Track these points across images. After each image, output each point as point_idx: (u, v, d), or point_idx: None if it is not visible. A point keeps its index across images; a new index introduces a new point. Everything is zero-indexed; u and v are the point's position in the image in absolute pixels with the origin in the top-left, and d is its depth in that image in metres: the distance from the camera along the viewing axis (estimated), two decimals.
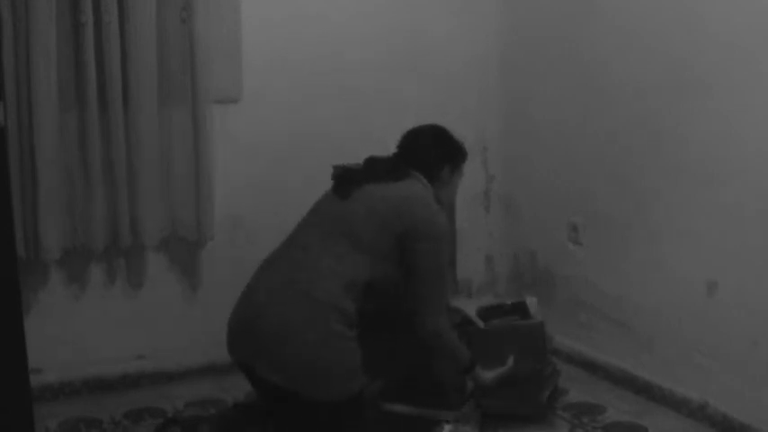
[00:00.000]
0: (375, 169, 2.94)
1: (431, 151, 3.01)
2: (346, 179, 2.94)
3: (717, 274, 3.18)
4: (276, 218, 3.35)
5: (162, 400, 3.49)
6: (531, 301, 3.42)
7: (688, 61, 3.22)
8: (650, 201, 3.44)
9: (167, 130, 3.49)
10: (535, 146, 4.03)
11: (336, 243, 2.78)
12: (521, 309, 3.33)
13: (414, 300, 2.83)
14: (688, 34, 3.21)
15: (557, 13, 3.83)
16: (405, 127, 3.92)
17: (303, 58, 3.74)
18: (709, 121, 3.16)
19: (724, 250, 3.16)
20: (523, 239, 4.15)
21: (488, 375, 3.05)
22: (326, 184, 3.33)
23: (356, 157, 3.40)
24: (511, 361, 3.12)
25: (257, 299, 2.81)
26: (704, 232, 3.22)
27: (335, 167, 3.19)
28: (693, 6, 3.18)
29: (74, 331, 3.53)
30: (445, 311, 2.90)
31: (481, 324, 3.20)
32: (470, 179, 4.05)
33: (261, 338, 2.73)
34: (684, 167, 3.28)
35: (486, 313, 3.30)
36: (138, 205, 3.44)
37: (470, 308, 3.29)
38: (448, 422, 3.08)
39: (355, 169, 2.99)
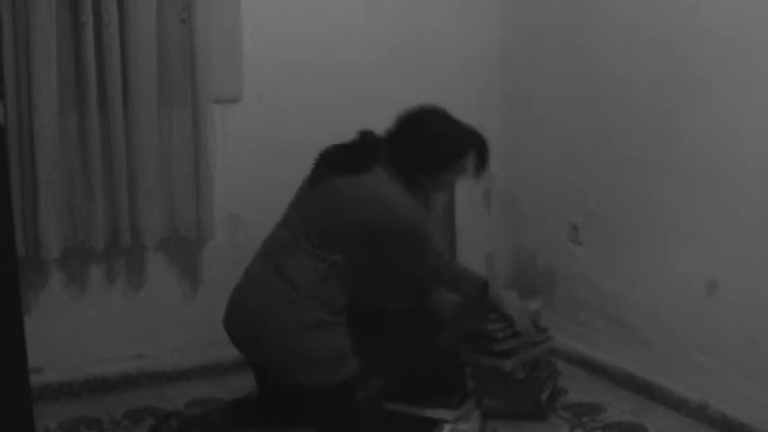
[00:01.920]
0: (347, 157, 2.87)
1: (416, 152, 2.87)
2: (320, 168, 2.89)
3: (717, 272, 3.18)
4: (276, 218, 3.34)
5: (162, 400, 3.50)
6: (534, 303, 3.43)
7: (688, 59, 3.21)
8: (650, 200, 3.44)
9: (167, 130, 3.49)
10: (535, 145, 4.03)
11: (308, 236, 2.81)
12: None
13: (406, 275, 2.85)
14: (688, 32, 3.21)
15: (557, 12, 3.83)
16: None
17: (303, 57, 3.74)
18: (710, 119, 3.16)
19: (724, 249, 3.15)
20: (524, 239, 4.16)
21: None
22: None
23: None
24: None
25: (246, 285, 2.92)
26: (704, 231, 3.22)
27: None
28: (693, 4, 3.18)
29: (74, 331, 3.53)
30: (441, 269, 2.87)
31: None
32: (471, 179, 4.06)
33: (245, 326, 2.86)
34: (685, 166, 3.28)
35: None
36: (138, 205, 3.44)
37: None
38: (448, 422, 3.08)
39: (331, 155, 2.92)
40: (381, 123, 3.86)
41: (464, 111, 4.09)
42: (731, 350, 3.15)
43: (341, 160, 2.87)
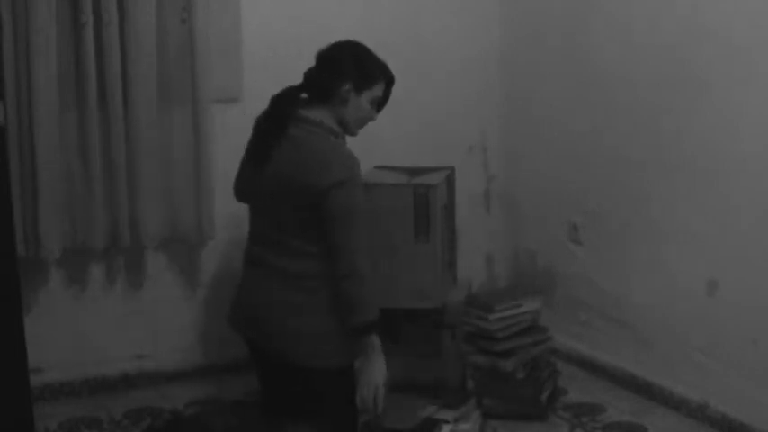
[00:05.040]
0: (278, 124, 2.77)
1: (332, 74, 2.80)
2: (259, 144, 2.81)
3: (717, 273, 3.18)
4: None
5: (162, 400, 3.50)
6: (535, 303, 3.43)
7: (688, 59, 3.22)
8: (650, 200, 3.44)
9: (167, 129, 3.49)
10: (535, 145, 4.03)
11: (287, 221, 2.74)
12: None
13: (331, 248, 2.66)
14: (688, 32, 3.21)
15: (557, 12, 3.83)
16: (404, 126, 3.95)
17: (303, 58, 3.72)
18: (710, 119, 3.16)
19: (724, 249, 3.16)
20: (523, 239, 4.16)
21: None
22: None
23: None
24: None
25: (249, 284, 2.86)
26: (704, 232, 3.22)
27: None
28: (693, 4, 3.18)
29: (74, 331, 3.53)
30: (365, 257, 2.65)
31: None
32: (470, 179, 4.06)
33: (252, 319, 2.80)
34: (684, 166, 3.28)
35: None
36: (138, 205, 3.44)
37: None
38: (448, 422, 3.08)
39: (265, 127, 2.82)
40: (381, 123, 3.86)
41: (464, 111, 4.12)
42: (731, 350, 3.15)
43: (275, 128, 2.77)
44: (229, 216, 3.66)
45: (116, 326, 3.60)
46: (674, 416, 3.35)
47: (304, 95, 2.86)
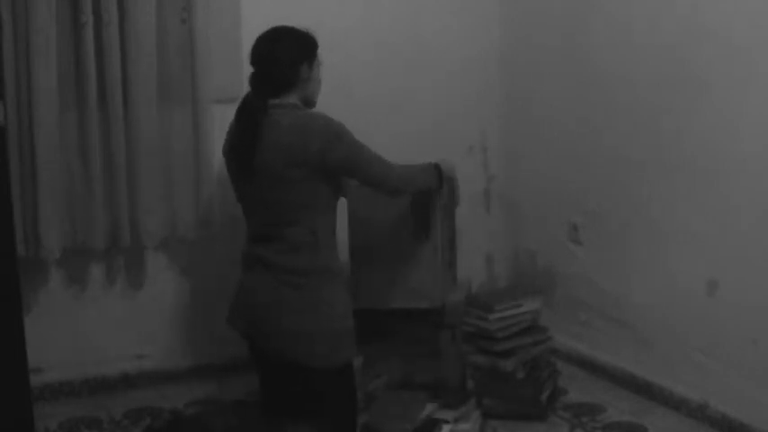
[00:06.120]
0: (250, 124, 2.76)
1: (285, 63, 2.84)
2: (240, 157, 2.78)
3: (717, 273, 3.18)
4: None
5: (162, 400, 3.50)
6: (535, 303, 3.44)
7: (688, 59, 3.22)
8: (650, 200, 3.44)
9: (167, 129, 3.50)
10: (535, 145, 4.03)
11: (282, 219, 2.75)
12: None
13: (369, 186, 2.90)
14: (688, 32, 3.21)
15: (556, 12, 3.83)
16: (404, 126, 3.95)
17: None
18: (710, 119, 3.16)
19: (724, 249, 3.15)
20: (523, 239, 4.16)
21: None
22: None
23: None
24: None
25: (250, 283, 2.84)
26: (704, 232, 3.22)
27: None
28: (693, 4, 3.18)
29: (74, 331, 3.53)
30: (394, 172, 2.88)
31: None
32: (470, 179, 4.06)
33: (253, 318, 2.79)
34: (684, 166, 3.28)
35: None
36: (138, 205, 3.44)
37: None
38: (447, 422, 3.08)
39: (240, 137, 2.79)
40: (382, 123, 3.87)
41: (464, 111, 4.12)
42: (731, 350, 3.15)
43: (248, 131, 2.79)
44: (229, 216, 3.67)
45: (116, 326, 3.60)
46: (674, 416, 3.35)
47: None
